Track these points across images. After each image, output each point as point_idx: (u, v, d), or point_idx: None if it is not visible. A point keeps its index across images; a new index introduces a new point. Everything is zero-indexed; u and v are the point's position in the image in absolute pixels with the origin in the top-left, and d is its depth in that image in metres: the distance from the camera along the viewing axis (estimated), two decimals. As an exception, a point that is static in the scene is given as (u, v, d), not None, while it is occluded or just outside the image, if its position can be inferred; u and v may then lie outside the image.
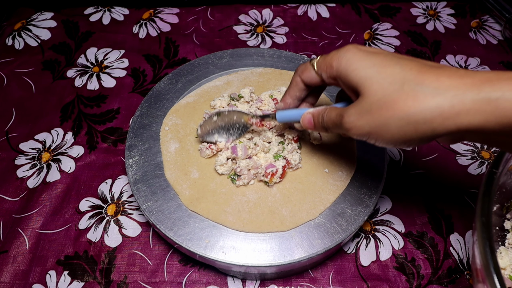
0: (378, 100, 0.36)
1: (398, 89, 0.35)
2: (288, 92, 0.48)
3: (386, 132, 0.36)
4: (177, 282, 0.56)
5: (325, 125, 0.44)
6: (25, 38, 0.86)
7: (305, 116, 0.46)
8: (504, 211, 0.51)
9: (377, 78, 0.36)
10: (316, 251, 0.48)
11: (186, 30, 0.88)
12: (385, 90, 0.36)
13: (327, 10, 0.93)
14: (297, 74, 0.46)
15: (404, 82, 0.35)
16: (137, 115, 0.61)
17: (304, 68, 0.45)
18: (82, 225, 0.60)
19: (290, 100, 0.49)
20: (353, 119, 0.38)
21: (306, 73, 0.45)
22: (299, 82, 0.46)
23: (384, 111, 0.36)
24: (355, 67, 0.38)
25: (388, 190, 0.64)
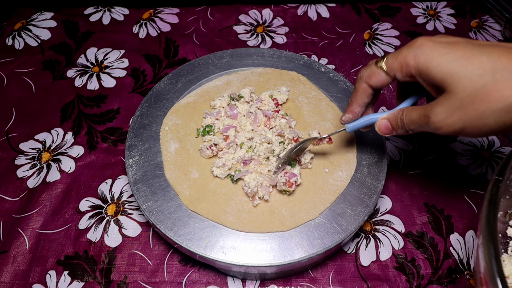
0: (469, 95, 0.35)
1: (491, 81, 0.34)
2: (355, 101, 0.47)
3: (484, 125, 0.36)
4: (177, 282, 0.56)
5: (406, 128, 0.43)
6: (25, 38, 0.86)
7: (380, 123, 0.45)
8: (507, 218, 0.51)
9: (464, 72, 0.35)
10: (316, 251, 0.48)
11: (186, 30, 0.88)
12: (476, 83, 0.35)
13: (327, 10, 0.93)
14: (362, 81, 0.45)
15: (496, 72, 0.34)
16: (137, 115, 0.61)
17: (371, 72, 0.44)
18: (82, 225, 0.60)
19: (358, 109, 0.47)
20: (442, 117, 0.37)
21: (374, 78, 0.43)
22: (366, 89, 0.45)
23: (478, 104, 0.35)
24: (437, 63, 0.37)
25: (388, 190, 0.64)
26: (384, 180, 0.55)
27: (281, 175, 0.52)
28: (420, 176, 0.66)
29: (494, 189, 0.39)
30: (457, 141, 0.70)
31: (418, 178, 0.66)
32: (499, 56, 0.35)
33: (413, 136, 0.71)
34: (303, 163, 0.54)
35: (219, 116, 0.60)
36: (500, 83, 0.34)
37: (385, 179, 0.55)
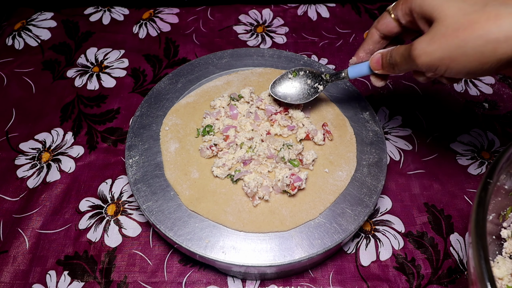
0: (455, 22, 0.35)
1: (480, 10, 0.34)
2: (361, 46, 0.48)
3: (461, 55, 0.35)
4: (177, 282, 0.56)
5: (392, 61, 0.43)
6: (25, 38, 0.86)
7: (374, 56, 0.46)
8: (500, 219, 0.51)
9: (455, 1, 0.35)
10: (316, 251, 0.48)
11: (186, 30, 0.88)
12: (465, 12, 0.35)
13: (327, 10, 0.93)
14: (373, 26, 0.46)
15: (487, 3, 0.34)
16: (137, 115, 0.61)
17: (380, 17, 0.45)
18: (82, 225, 0.60)
19: (363, 53, 0.49)
20: (424, 45, 0.37)
21: (381, 21, 0.45)
22: (374, 34, 0.46)
23: (461, 31, 0.34)
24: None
25: (388, 190, 0.64)
26: (384, 180, 0.55)
27: (286, 175, 0.52)
28: (420, 176, 0.66)
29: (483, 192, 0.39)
30: (457, 141, 0.70)
31: (418, 178, 0.66)
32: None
33: (413, 136, 0.71)
34: (305, 163, 0.54)
35: (219, 116, 0.60)
36: (487, 13, 0.34)
37: (385, 179, 0.55)
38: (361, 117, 0.61)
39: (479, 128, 0.72)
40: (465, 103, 0.76)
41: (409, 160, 0.68)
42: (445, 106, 0.75)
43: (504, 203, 0.50)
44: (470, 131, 0.71)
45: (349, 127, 0.60)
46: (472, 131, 0.71)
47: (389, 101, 0.76)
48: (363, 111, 0.62)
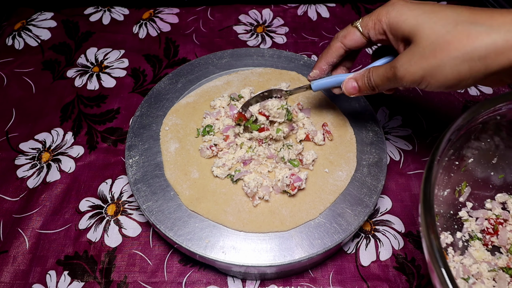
0: (431, 43, 0.37)
1: (452, 30, 0.36)
2: (324, 58, 0.49)
3: (440, 74, 0.38)
4: (177, 282, 0.56)
5: (373, 84, 0.45)
6: (25, 38, 0.86)
7: (347, 82, 0.47)
8: (456, 195, 0.53)
9: (429, 23, 0.38)
10: (316, 251, 0.48)
11: (186, 30, 0.88)
12: (438, 33, 0.37)
13: (327, 10, 0.93)
14: (337, 40, 0.46)
15: (458, 23, 0.36)
16: (137, 115, 0.61)
17: (346, 32, 0.45)
18: (82, 225, 0.60)
19: (326, 66, 0.49)
20: (406, 66, 0.39)
21: (349, 37, 0.45)
22: (339, 48, 0.47)
23: (438, 52, 0.37)
24: (406, 17, 0.39)
25: (388, 190, 0.64)
26: (384, 180, 0.55)
27: (286, 176, 0.52)
28: (420, 176, 0.66)
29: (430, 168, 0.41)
30: (457, 141, 0.70)
31: (418, 178, 0.66)
32: (462, 11, 0.37)
33: (413, 136, 0.71)
34: (305, 163, 0.54)
35: (219, 116, 0.60)
36: (460, 33, 0.36)
37: (385, 179, 0.55)
38: (361, 117, 0.61)
39: (479, 128, 0.72)
40: (465, 103, 0.76)
41: (409, 160, 0.68)
42: (445, 106, 0.75)
43: (458, 178, 0.52)
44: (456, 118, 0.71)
45: (349, 127, 0.60)
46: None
47: (389, 101, 0.76)
48: (363, 111, 0.62)
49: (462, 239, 0.52)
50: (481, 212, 0.53)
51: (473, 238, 0.52)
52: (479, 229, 0.53)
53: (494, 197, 0.55)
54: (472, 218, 0.53)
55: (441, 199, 0.51)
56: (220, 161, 0.54)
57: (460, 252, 0.51)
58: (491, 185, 0.54)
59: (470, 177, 0.53)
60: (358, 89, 0.47)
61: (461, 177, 0.52)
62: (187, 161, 0.56)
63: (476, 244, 0.51)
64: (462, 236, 0.52)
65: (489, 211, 0.54)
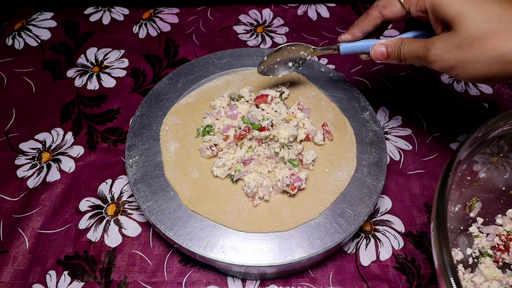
0: (470, 37, 0.37)
1: (493, 28, 0.36)
2: (359, 25, 0.48)
3: (472, 68, 0.38)
4: (177, 282, 0.56)
5: (402, 57, 0.44)
6: (25, 38, 0.86)
7: (377, 47, 0.46)
8: (467, 210, 0.52)
9: (473, 14, 0.37)
10: (316, 251, 0.48)
11: (186, 30, 0.88)
12: (480, 27, 0.36)
13: (327, 10, 0.93)
14: (376, 9, 0.46)
15: (500, 21, 0.36)
16: (137, 115, 0.61)
17: (387, 2, 0.44)
18: (82, 225, 0.60)
19: (360, 34, 0.48)
20: (440, 52, 0.39)
21: (389, 8, 0.44)
22: (377, 18, 0.46)
23: (475, 47, 0.37)
24: (451, 1, 0.38)
25: (388, 190, 0.64)
26: (384, 180, 0.55)
27: (286, 175, 0.52)
28: (420, 176, 0.66)
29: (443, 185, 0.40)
30: (457, 141, 0.70)
31: (418, 178, 0.66)
32: (509, 7, 0.36)
33: (413, 136, 0.71)
34: (305, 163, 0.54)
35: (219, 116, 0.60)
36: (500, 32, 0.36)
37: (385, 179, 0.55)
38: (361, 117, 0.62)
39: (479, 128, 0.72)
40: (465, 103, 0.76)
41: (409, 160, 0.68)
42: (445, 106, 0.75)
43: (469, 193, 0.51)
44: (470, 131, 0.71)
45: (349, 127, 0.60)
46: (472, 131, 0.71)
47: (389, 101, 0.76)
48: (363, 111, 0.62)
49: (472, 256, 0.51)
50: (492, 228, 0.52)
51: (484, 254, 0.50)
52: (490, 246, 0.51)
53: (506, 212, 0.53)
54: (482, 234, 0.52)
55: (451, 215, 0.50)
56: (220, 161, 0.54)
57: (470, 270, 0.49)
58: (503, 200, 0.53)
59: (481, 192, 0.52)
60: (387, 55, 0.46)
61: (472, 192, 0.51)
62: (187, 161, 0.56)
63: (486, 261, 0.50)
64: (472, 252, 0.51)
65: (500, 227, 0.52)
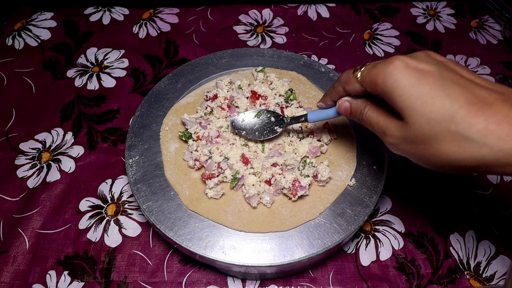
0: (422, 135, 0.36)
1: (444, 130, 0.35)
2: (328, 96, 0.49)
3: (428, 164, 0.38)
4: (177, 282, 0.56)
5: (362, 122, 0.44)
6: (25, 38, 0.86)
7: (343, 102, 0.46)
8: None
9: (424, 112, 0.35)
10: (316, 251, 0.48)
11: (186, 30, 0.88)
12: (431, 128, 0.35)
13: (327, 10, 0.93)
14: (340, 84, 0.46)
15: (451, 122, 0.34)
16: (137, 115, 0.61)
17: (348, 79, 0.44)
18: (82, 225, 0.60)
19: (331, 102, 0.49)
20: (396, 141, 0.39)
21: (349, 85, 0.44)
22: (341, 91, 0.46)
23: (427, 147, 0.36)
24: (402, 92, 0.36)
25: (388, 190, 0.64)
26: (384, 180, 0.55)
27: (290, 183, 0.52)
28: (420, 176, 0.66)
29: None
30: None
31: (418, 178, 0.66)
32: (461, 105, 0.34)
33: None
34: (319, 179, 0.53)
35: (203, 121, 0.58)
36: (452, 137, 0.35)
37: (385, 179, 0.55)
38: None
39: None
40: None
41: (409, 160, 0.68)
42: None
43: None
44: None
45: (349, 127, 0.60)
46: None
47: (389, 101, 0.76)
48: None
49: None
50: None
51: None
52: None
53: None
54: None
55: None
56: (212, 182, 0.52)
57: None
58: None
59: None
60: (349, 113, 0.46)
61: None
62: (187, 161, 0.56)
63: None
64: None
65: None
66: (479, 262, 0.57)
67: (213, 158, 0.54)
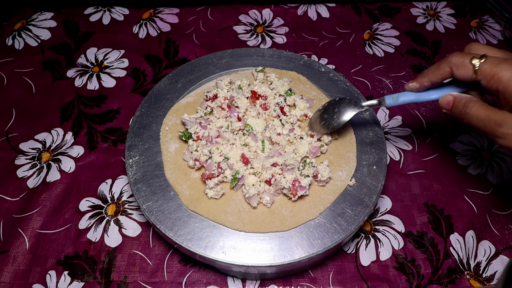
0: None
1: None
2: (428, 76, 0.47)
3: None
4: (177, 282, 0.56)
5: (466, 116, 0.43)
6: (25, 38, 0.86)
7: (446, 96, 0.46)
8: None
9: None
10: (316, 251, 0.48)
11: (186, 30, 0.88)
12: None
13: (327, 10, 0.93)
14: (448, 64, 0.44)
15: None
16: (137, 115, 0.61)
17: (461, 63, 0.43)
18: (82, 225, 0.60)
19: (428, 83, 0.47)
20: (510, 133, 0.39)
21: (462, 69, 0.43)
22: (447, 73, 0.45)
23: None
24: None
25: (388, 190, 0.64)
26: (384, 180, 0.55)
27: (290, 183, 0.52)
28: (420, 176, 0.66)
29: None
30: (457, 141, 0.70)
31: (418, 178, 0.66)
32: None
33: (413, 136, 0.71)
34: (319, 179, 0.53)
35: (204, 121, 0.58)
36: None
37: (385, 179, 0.55)
38: (361, 117, 0.61)
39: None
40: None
41: (409, 160, 0.68)
42: (445, 106, 0.75)
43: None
44: (470, 131, 0.71)
45: (349, 127, 0.60)
46: (472, 131, 0.71)
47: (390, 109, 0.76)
48: (363, 111, 0.62)
49: None
50: None
51: None
52: None
53: None
54: None
55: None
56: (212, 182, 0.52)
57: None
58: None
59: None
60: (451, 108, 0.45)
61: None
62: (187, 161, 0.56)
63: None
64: None
65: None
66: (479, 262, 0.57)
67: (213, 158, 0.54)
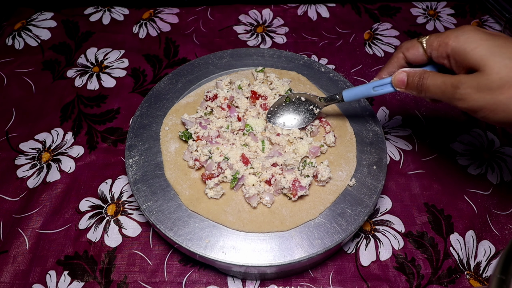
0: (500, 79, 0.36)
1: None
2: (386, 68, 0.48)
3: (502, 111, 0.37)
4: (177, 282, 0.56)
5: (423, 88, 0.43)
6: (25, 38, 0.86)
7: (399, 74, 0.46)
8: None
9: (501, 57, 0.37)
10: (316, 251, 0.48)
11: (186, 30, 0.88)
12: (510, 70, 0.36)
13: (327, 10, 0.93)
14: (400, 51, 0.45)
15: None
16: (137, 115, 0.61)
17: (411, 45, 0.44)
18: (82, 225, 0.60)
19: (386, 75, 0.48)
20: (469, 91, 0.39)
21: (412, 51, 0.44)
22: (401, 59, 0.46)
23: (505, 89, 0.36)
24: (475, 45, 0.38)
25: (388, 190, 0.64)
26: (384, 180, 0.55)
27: (290, 183, 0.52)
28: (420, 176, 0.66)
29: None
30: (457, 141, 0.70)
31: (418, 178, 0.66)
32: None
33: (413, 136, 0.71)
34: (319, 179, 0.53)
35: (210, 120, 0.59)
36: None
37: (385, 179, 0.55)
38: (361, 117, 0.61)
39: (479, 128, 0.72)
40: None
41: (409, 160, 0.68)
42: (445, 106, 0.75)
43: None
44: (470, 131, 0.71)
45: (349, 127, 0.60)
46: (472, 131, 0.71)
47: (389, 101, 0.76)
48: (363, 111, 0.62)
49: None
50: None
51: None
52: None
53: None
54: None
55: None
56: (212, 182, 0.52)
57: None
58: None
59: None
60: (406, 84, 0.45)
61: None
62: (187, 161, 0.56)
63: None
64: None
65: None
66: (479, 262, 0.57)
67: (213, 158, 0.54)
